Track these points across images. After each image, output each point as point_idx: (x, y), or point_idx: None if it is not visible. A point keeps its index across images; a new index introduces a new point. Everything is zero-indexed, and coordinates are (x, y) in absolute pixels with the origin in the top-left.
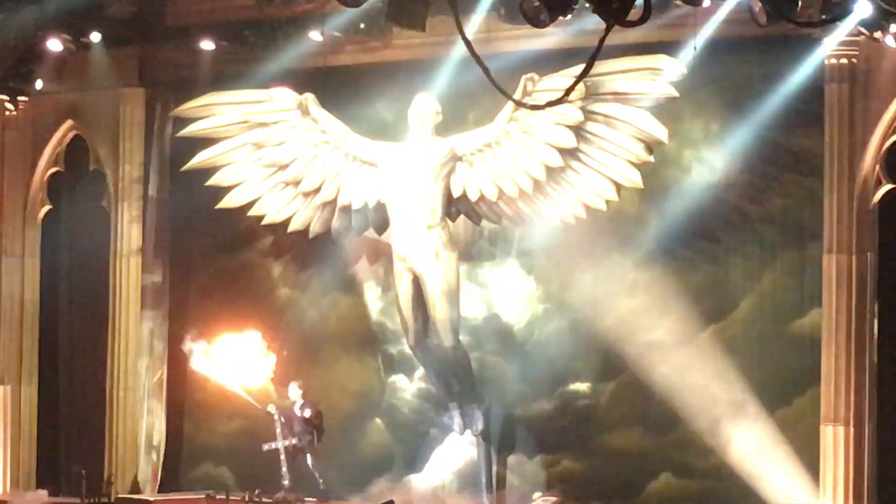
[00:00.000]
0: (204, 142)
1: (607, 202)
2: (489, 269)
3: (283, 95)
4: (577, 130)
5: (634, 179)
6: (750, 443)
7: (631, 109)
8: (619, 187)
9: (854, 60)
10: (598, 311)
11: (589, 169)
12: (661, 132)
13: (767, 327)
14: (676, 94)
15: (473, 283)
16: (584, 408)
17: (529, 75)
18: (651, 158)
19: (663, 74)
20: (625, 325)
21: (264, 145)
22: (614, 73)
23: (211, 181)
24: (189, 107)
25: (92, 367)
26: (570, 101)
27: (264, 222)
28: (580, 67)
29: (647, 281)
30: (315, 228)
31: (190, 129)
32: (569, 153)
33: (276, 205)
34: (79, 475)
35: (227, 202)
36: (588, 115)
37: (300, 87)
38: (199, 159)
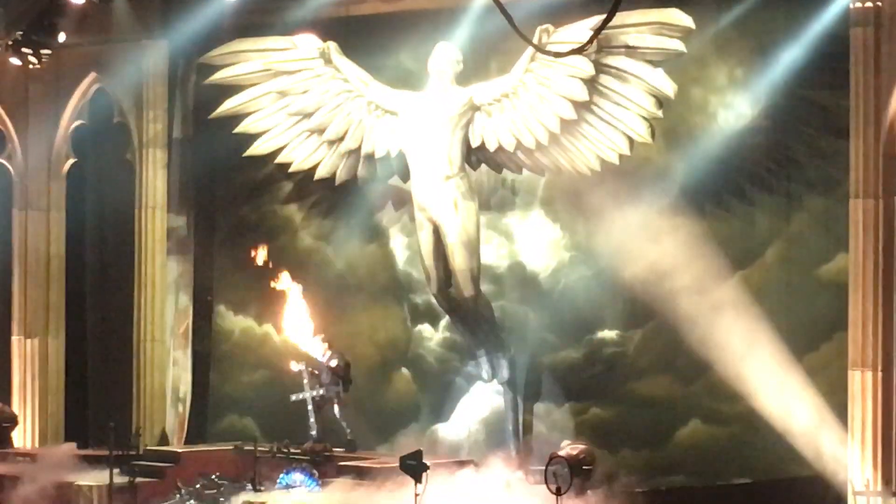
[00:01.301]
0: (227, 91)
1: (620, 155)
2: (513, 217)
3: (307, 42)
4: (591, 84)
5: (644, 134)
6: (778, 388)
7: (641, 64)
8: (631, 142)
9: (879, 3)
10: (625, 258)
11: (602, 122)
12: (669, 88)
13: (794, 273)
14: (685, 50)
15: (497, 232)
16: (612, 355)
17: (545, 26)
18: (660, 114)
19: (675, 29)
20: (652, 272)
21: (289, 93)
22: (626, 26)
23: (238, 129)
24: (214, 54)
25: (118, 319)
26: (584, 54)
27: (291, 170)
28: (594, 18)
29: (673, 228)
30: (341, 176)
31: (216, 77)
32: (583, 106)
33: (302, 152)
34: (107, 427)
35: (255, 150)
36: (600, 68)
37: (323, 37)
38: (227, 107)
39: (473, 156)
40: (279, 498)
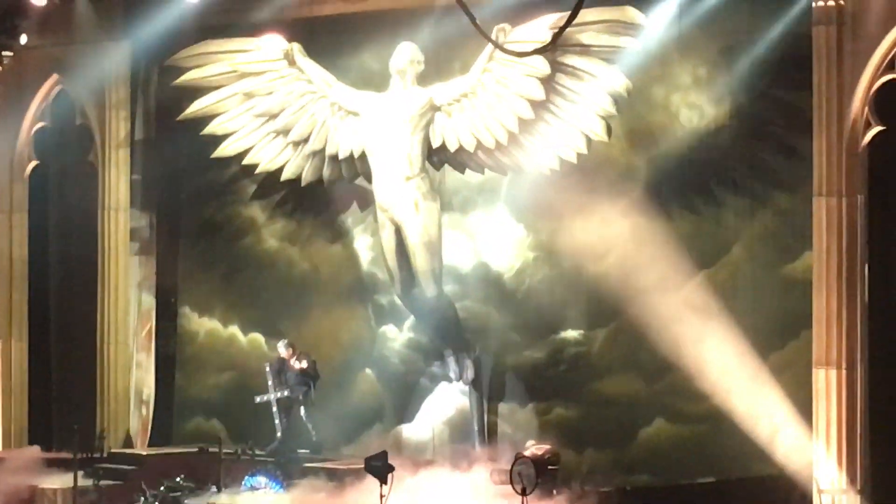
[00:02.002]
0: (190, 93)
1: (580, 154)
2: (477, 218)
3: (272, 44)
4: (548, 83)
5: (601, 133)
6: (743, 387)
7: (596, 63)
8: (589, 140)
9: (841, 2)
10: (589, 258)
11: (560, 121)
12: (623, 86)
13: (760, 271)
14: (639, 48)
15: (461, 232)
16: (576, 355)
17: (501, 26)
18: (615, 112)
19: (630, 27)
20: (616, 271)
21: (254, 95)
22: (581, 24)
23: (206, 130)
24: (181, 56)
25: (82, 322)
26: (540, 53)
27: (258, 171)
28: (550, 17)
29: (637, 227)
30: (307, 177)
31: (183, 79)
32: (540, 105)
33: (268, 154)
34: (71, 430)
35: (222, 151)
36: (556, 67)
37: (287, 37)
38: (194, 108)
39: (435, 156)
40: (244, 500)
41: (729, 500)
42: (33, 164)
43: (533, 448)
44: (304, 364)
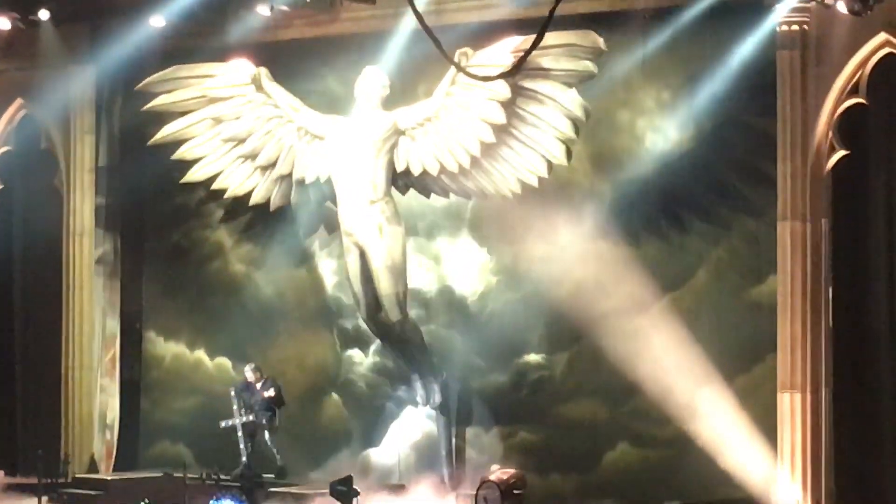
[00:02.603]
0: (155, 118)
1: (541, 179)
2: (441, 242)
3: (240, 68)
4: (509, 106)
5: (560, 156)
6: (708, 411)
7: (556, 86)
8: (549, 164)
9: (805, 27)
10: (552, 282)
11: (521, 144)
12: (580, 110)
13: (725, 295)
14: (596, 71)
15: (425, 256)
16: (540, 379)
17: (463, 50)
18: (575, 136)
19: (589, 51)
20: (579, 295)
21: (223, 119)
22: (541, 48)
23: (175, 155)
24: (151, 81)
25: (46, 346)
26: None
27: (226, 196)
28: (511, 40)
29: (601, 250)
30: (275, 202)
31: (152, 104)
32: (501, 129)
33: (236, 179)
34: (36, 455)
35: (191, 176)
36: (517, 90)
37: (252, 61)
38: (163, 133)
39: (400, 180)
40: None
41: None
42: None
43: (498, 472)
44: (272, 392)
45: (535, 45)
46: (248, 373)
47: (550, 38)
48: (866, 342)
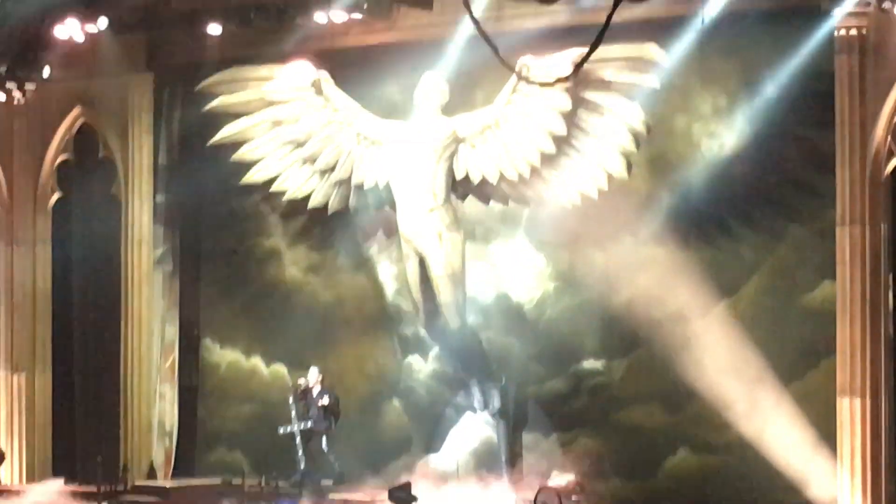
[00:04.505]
0: (215, 119)
1: (599, 189)
2: (499, 248)
3: (300, 71)
4: (569, 118)
5: (621, 170)
6: (766, 416)
7: (618, 98)
8: (610, 177)
9: (864, 31)
10: (610, 287)
11: (582, 156)
12: (642, 124)
13: (780, 300)
14: (658, 86)
15: (484, 262)
16: (599, 385)
17: (524, 61)
18: (635, 150)
19: (651, 64)
20: (637, 301)
21: (282, 122)
22: (603, 60)
23: (235, 157)
24: (211, 82)
25: (105, 354)
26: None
27: (285, 199)
28: (573, 50)
29: (658, 256)
30: (334, 205)
31: (213, 104)
32: (563, 140)
33: (295, 182)
34: (95, 462)
35: (250, 178)
36: (578, 102)
37: (313, 66)
38: (223, 134)
39: (460, 187)
40: None
41: None
42: (56, 196)
43: (557, 479)
44: (326, 401)
45: (591, 51)
46: (312, 375)
47: (611, 50)
48: None
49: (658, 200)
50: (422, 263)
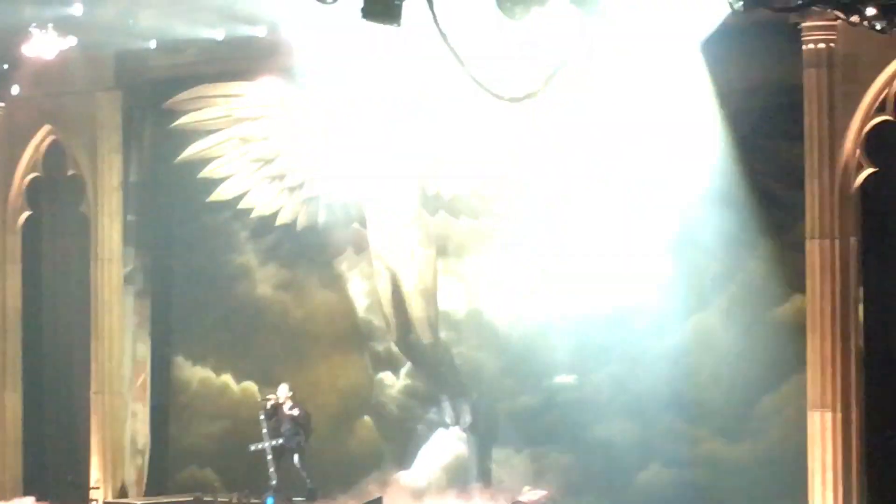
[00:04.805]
0: (184, 137)
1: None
2: (471, 263)
3: (269, 88)
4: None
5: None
6: (737, 430)
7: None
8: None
9: (832, 45)
10: (583, 302)
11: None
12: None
13: (751, 313)
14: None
15: (455, 277)
16: (571, 400)
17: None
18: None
19: None
20: (608, 317)
21: (250, 140)
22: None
23: (202, 174)
24: (178, 99)
25: (76, 372)
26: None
27: (252, 215)
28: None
29: (629, 272)
30: (302, 222)
31: (180, 122)
32: (533, 154)
33: (263, 198)
34: (66, 480)
35: (218, 195)
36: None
37: (282, 83)
38: (190, 152)
39: (431, 203)
40: None
41: None
42: (26, 214)
43: (529, 493)
44: (296, 412)
45: (561, 67)
46: (282, 391)
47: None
48: None
49: (629, 215)
50: (394, 279)
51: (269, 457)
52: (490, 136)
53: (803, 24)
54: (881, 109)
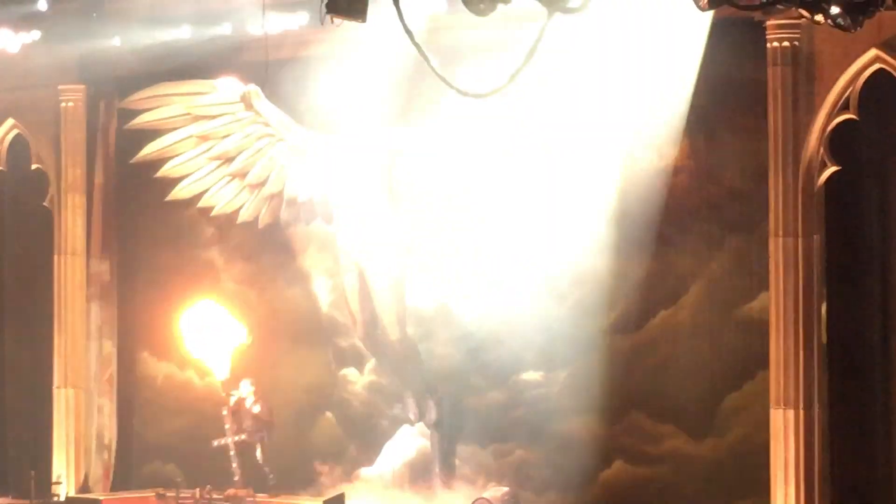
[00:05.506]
0: (149, 135)
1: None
2: (438, 259)
3: (229, 86)
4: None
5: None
6: (700, 428)
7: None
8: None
9: (796, 43)
10: (550, 298)
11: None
12: None
13: (717, 312)
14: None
15: (424, 273)
16: (536, 397)
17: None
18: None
19: None
20: (575, 313)
21: (209, 138)
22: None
23: (160, 173)
24: (135, 98)
25: (39, 367)
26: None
27: (213, 213)
28: (511, 61)
29: (596, 269)
30: (264, 219)
31: (137, 121)
32: (501, 151)
33: (224, 196)
34: (28, 476)
35: (177, 194)
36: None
37: (245, 80)
38: (148, 151)
39: (398, 198)
40: None
41: None
42: None
43: (493, 490)
44: (259, 408)
45: (526, 62)
46: (244, 387)
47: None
48: (860, 358)
49: (596, 211)
50: (361, 275)
51: (232, 452)
52: (457, 130)
53: (768, 22)
54: (845, 108)
